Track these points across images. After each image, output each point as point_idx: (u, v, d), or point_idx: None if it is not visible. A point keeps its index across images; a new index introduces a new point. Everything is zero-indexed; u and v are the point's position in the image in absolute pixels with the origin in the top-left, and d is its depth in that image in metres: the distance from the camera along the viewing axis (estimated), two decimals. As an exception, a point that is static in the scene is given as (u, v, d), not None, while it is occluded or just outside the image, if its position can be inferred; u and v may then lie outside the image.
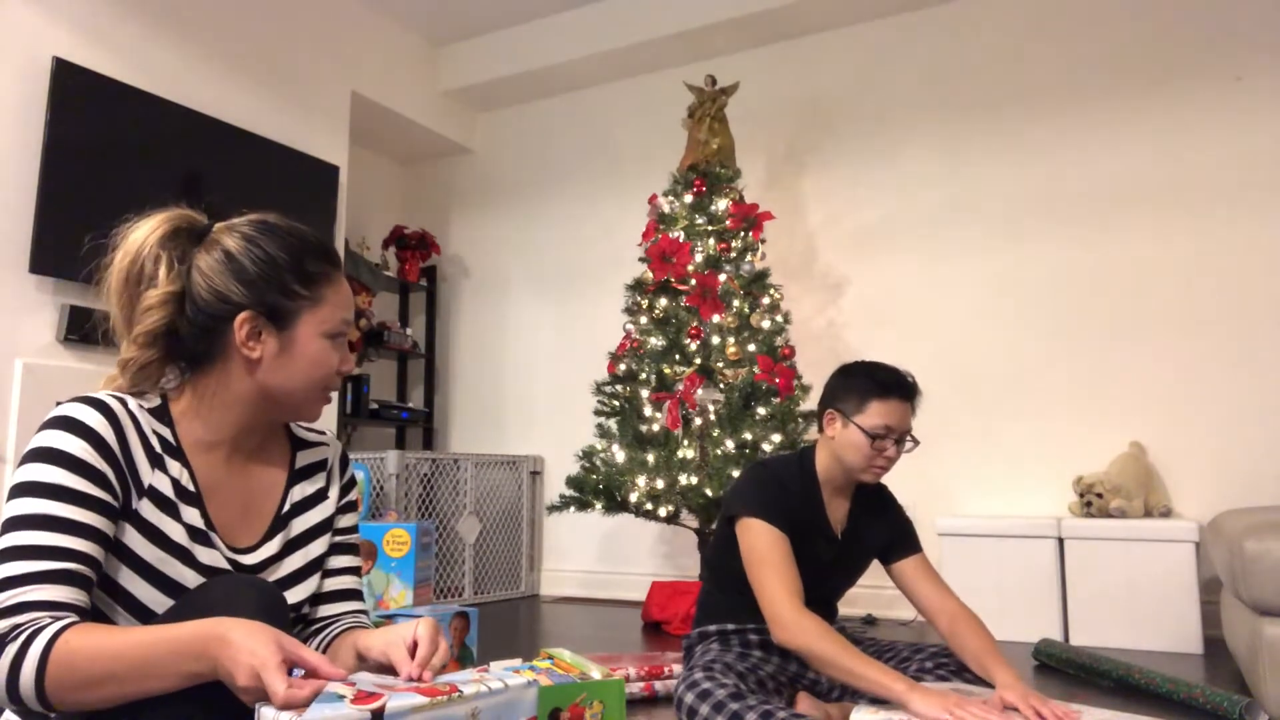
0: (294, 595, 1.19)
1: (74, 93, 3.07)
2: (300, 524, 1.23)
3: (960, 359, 3.74)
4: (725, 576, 1.92)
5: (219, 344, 1.12)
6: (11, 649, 0.93)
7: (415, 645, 1.06)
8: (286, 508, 1.23)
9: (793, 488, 1.88)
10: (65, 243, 3.02)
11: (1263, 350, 3.27)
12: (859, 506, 1.97)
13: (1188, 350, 3.38)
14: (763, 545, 1.77)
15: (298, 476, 1.26)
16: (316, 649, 1.21)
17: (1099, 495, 3.16)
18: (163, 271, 1.11)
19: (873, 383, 1.86)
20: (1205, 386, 3.34)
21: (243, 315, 1.10)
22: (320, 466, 1.29)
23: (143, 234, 1.14)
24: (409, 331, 4.87)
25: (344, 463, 1.33)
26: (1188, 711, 2.11)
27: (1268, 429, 3.23)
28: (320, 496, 1.27)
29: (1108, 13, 3.64)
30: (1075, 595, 3.06)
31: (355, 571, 1.30)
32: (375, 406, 4.49)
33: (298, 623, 1.22)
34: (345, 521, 1.30)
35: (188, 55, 3.53)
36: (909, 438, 1.87)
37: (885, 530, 1.96)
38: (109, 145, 3.17)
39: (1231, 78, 3.41)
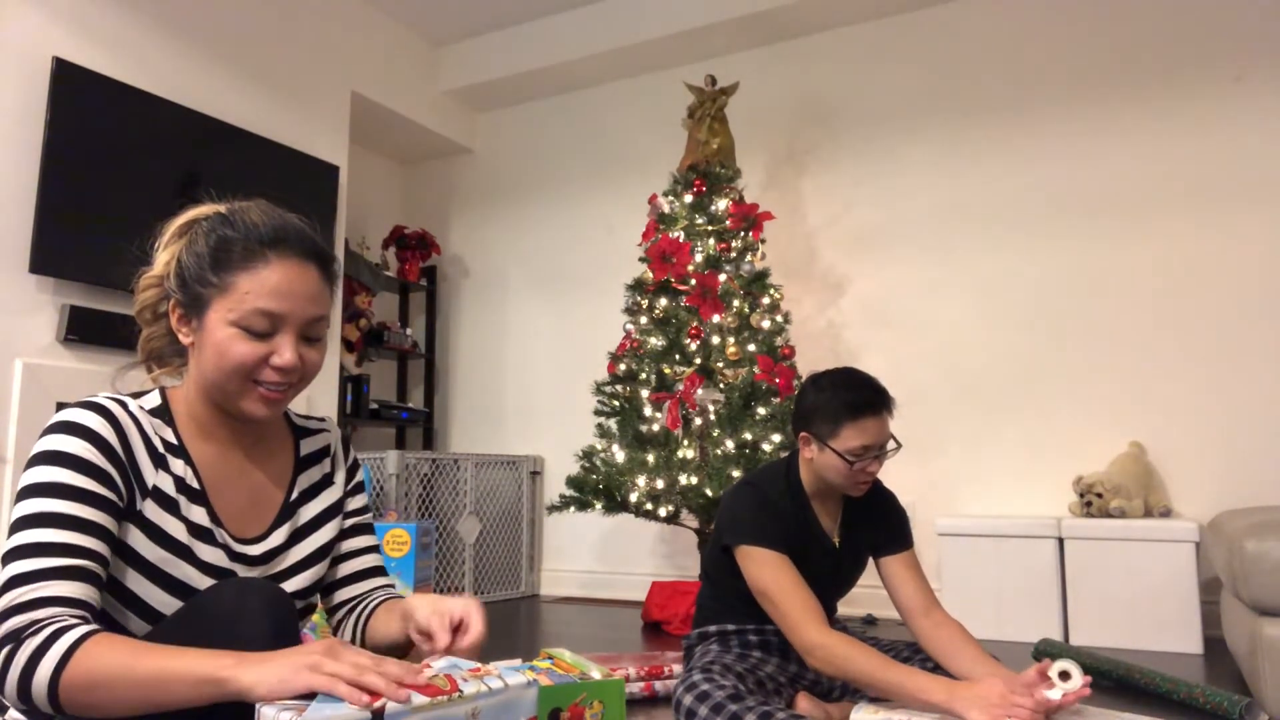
0: (301, 582, 1.20)
1: (74, 93, 3.07)
2: (308, 511, 1.24)
3: (960, 358, 3.74)
4: (722, 587, 1.92)
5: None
6: (31, 644, 0.93)
7: (459, 623, 1.13)
8: (294, 495, 1.24)
9: (783, 505, 1.85)
10: (65, 243, 3.03)
11: (1263, 350, 3.27)
12: (852, 508, 1.95)
13: (1188, 350, 3.38)
14: (770, 574, 1.74)
15: (303, 464, 1.27)
16: (355, 626, 1.26)
17: (1099, 495, 3.16)
18: (164, 257, 1.16)
19: (842, 404, 1.79)
20: (1205, 386, 3.34)
21: (171, 302, 1.14)
22: (324, 453, 1.30)
23: (168, 227, 1.18)
24: (409, 331, 4.87)
25: (346, 446, 1.34)
26: (1188, 711, 2.11)
27: (1268, 429, 3.23)
28: (327, 482, 1.28)
29: (1107, 13, 3.64)
30: (1075, 595, 3.06)
31: (376, 549, 1.33)
32: (375, 406, 4.49)
33: (307, 611, 1.23)
34: (356, 503, 1.31)
35: (188, 55, 3.53)
36: (890, 443, 1.82)
37: (879, 528, 1.93)
38: (109, 145, 3.17)
39: (1231, 78, 3.41)
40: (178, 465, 1.12)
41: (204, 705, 0.92)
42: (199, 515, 1.12)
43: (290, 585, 1.18)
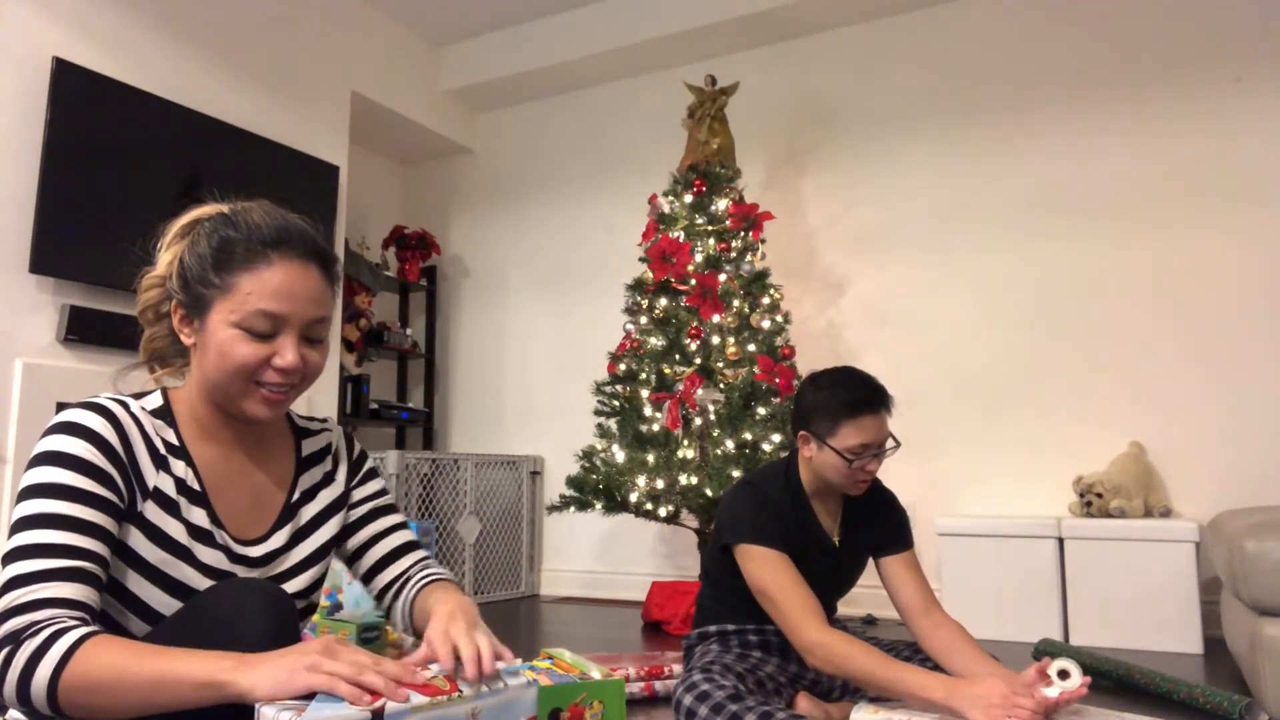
0: (302, 583, 1.20)
1: (74, 93, 3.07)
2: (309, 511, 1.24)
3: (960, 358, 3.74)
4: (722, 587, 1.92)
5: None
6: (30, 645, 0.93)
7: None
8: (296, 496, 1.24)
9: (782, 504, 1.85)
10: (65, 243, 3.03)
11: (1263, 350, 3.27)
12: (852, 508, 1.94)
13: (1188, 350, 3.38)
14: (769, 573, 1.74)
15: (305, 464, 1.27)
16: (403, 607, 1.25)
17: (1099, 495, 3.16)
18: (166, 257, 1.15)
19: (840, 403, 1.80)
20: (1205, 386, 3.34)
21: (173, 303, 1.14)
22: (326, 451, 1.30)
23: (171, 227, 1.18)
24: (409, 331, 4.87)
25: (349, 442, 1.34)
26: (1188, 711, 2.11)
27: (1268, 429, 3.23)
28: (328, 480, 1.28)
29: (1107, 13, 3.64)
30: (1075, 595, 3.06)
31: (404, 526, 1.32)
32: (375, 406, 4.49)
33: (308, 611, 1.23)
34: (370, 489, 1.31)
35: (188, 55, 3.53)
36: (889, 441, 1.82)
37: (878, 528, 1.93)
38: (109, 145, 3.17)
39: (1231, 78, 3.41)
40: (178, 467, 1.12)
41: (204, 707, 0.92)
42: (199, 517, 1.12)
43: (291, 586, 1.18)
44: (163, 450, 1.11)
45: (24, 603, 0.95)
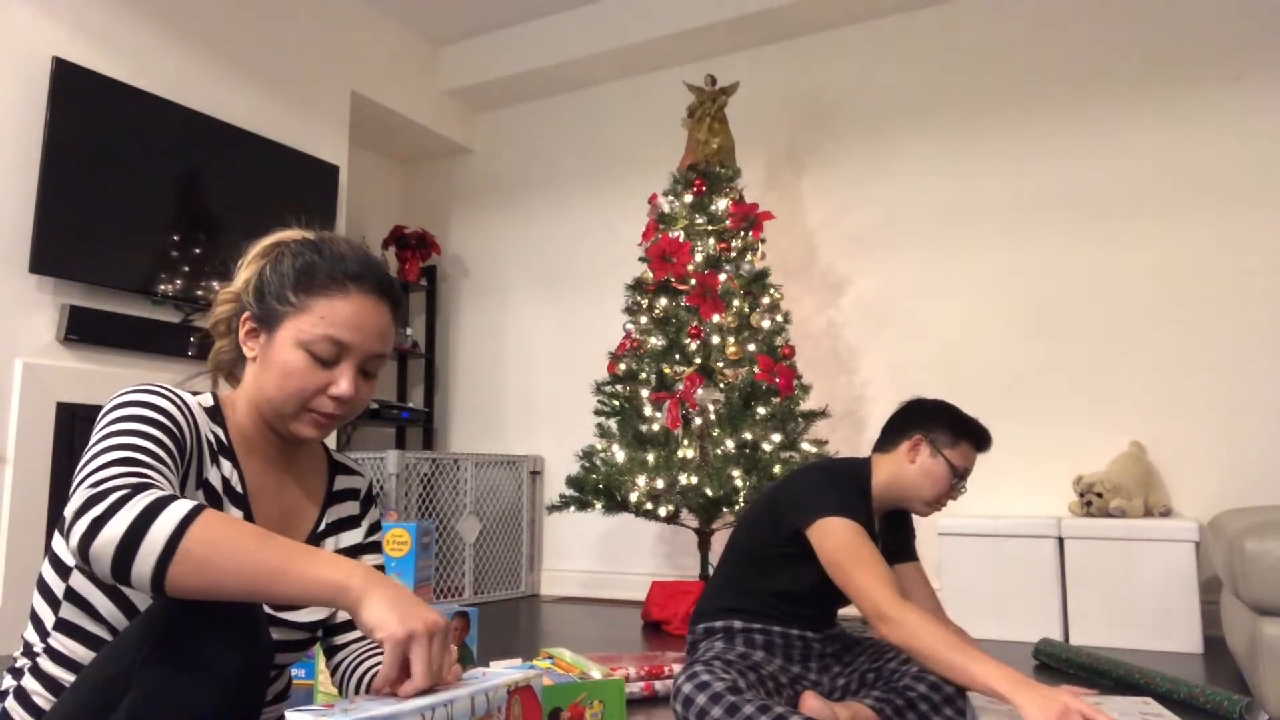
0: (316, 613, 1.19)
1: (74, 93, 3.07)
2: (331, 544, 1.26)
3: (960, 359, 3.74)
4: (748, 577, 1.92)
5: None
6: (148, 495, 0.89)
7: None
8: (323, 526, 1.25)
9: (861, 498, 1.92)
10: (65, 243, 3.03)
11: (1263, 350, 3.27)
12: (884, 523, 2.06)
13: (1188, 350, 3.38)
14: (852, 542, 1.77)
15: (334, 498, 1.29)
16: (359, 676, 1.20)
17: (1099, 495, 3.16)
18: (245, 274, 1.19)
19: (970, 428, 1.96)
20: (1205, 386, 3.34)
21: (244, 315, 1.16)
22: (354, 494, 1.32)
23: (253, 247, 1.21)
24: (409, 331, 4.86)
25: (373, 498, 1.35)
26: (1188, 711, 2.11)
27: (1268, 429, 3.23)
28: (353, 523, 1.30)
29: (1107, 12, 3.64)
30: (1075, 595, 3.06)
31: None
32: (375, 406, 4.49)
33: (311, 643, 1.22)
34: (374, 558, 1.30)
35: (188, 55, 3.53)
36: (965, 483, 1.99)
37: (897, 539, 2.06)
38: (109, 145, 3.17)
39: (1231, 78, 3.41)
40: (226, 466, 1.14)
41: (307, 604, 0.91)
42: (236, 518, 1.12)
43: (303, 615, 1.18)
44: (215, 447, 1.14)
45: (127, 470, 0.94)
